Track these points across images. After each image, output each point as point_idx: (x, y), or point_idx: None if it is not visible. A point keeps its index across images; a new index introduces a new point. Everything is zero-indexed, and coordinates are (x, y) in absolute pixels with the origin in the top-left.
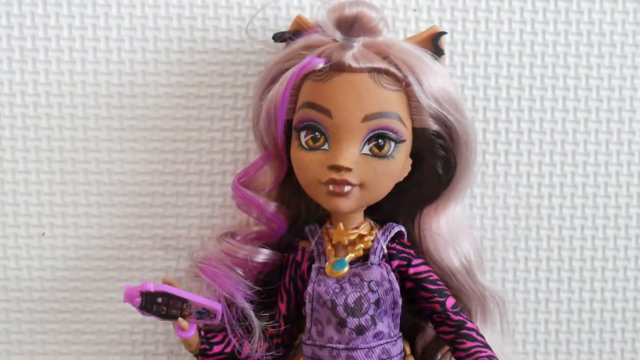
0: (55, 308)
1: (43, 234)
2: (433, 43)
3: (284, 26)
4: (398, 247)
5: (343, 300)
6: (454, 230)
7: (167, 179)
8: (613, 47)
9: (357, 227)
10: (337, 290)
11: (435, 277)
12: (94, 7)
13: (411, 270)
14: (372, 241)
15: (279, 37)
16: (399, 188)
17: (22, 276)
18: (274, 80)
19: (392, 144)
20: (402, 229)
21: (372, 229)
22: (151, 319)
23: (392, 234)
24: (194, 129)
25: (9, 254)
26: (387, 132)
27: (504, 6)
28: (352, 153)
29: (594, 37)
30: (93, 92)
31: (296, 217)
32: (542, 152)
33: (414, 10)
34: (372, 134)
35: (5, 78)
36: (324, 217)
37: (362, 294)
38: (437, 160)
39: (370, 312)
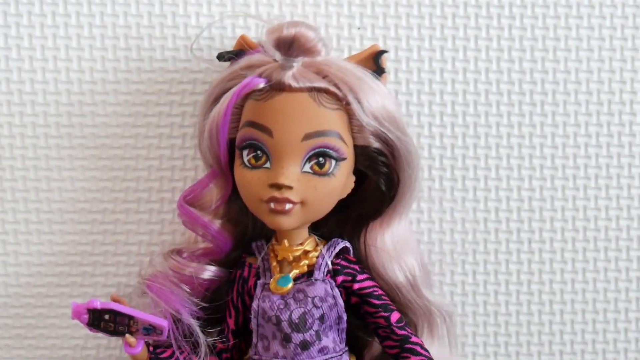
0: (9, 324)
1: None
2: (374, 61)
3: (230, 45)
4: (343, 262)
5: (287, 316)
6: (399, 245)
7: (117, 196)
8: (556, 62)
9: (302, 244)
10: (281, 306)
11: (380, 292)
12: (41, 28)
13: (356, 286)
14: (317, 257)
15: (222, 57)
16: (344, 204)
17: None
18: (217, 99)
19: (333, 162)
20: (347, 244)
21: (317, 245)
22: (101, 335)
23: (337, 249)
24: (142, 147)
25: None
26: (328, 150)
27: (447, 23)
28: (292, 171)
29: (535, 50)
30: (42, 111)
31: (243, 233)
32: (488, 166)
33: (358, 28)
34: (313, 152)
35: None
36: (270, 233)
37: (306, 309)
38: (380, 177)
39: (315, 327)
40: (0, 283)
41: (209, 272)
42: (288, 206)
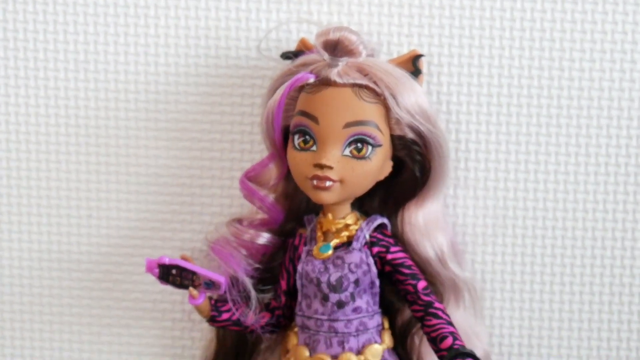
0: (99, 278)
1: (90, 215)
2: (413, 64)
3: (293, 47)
4: (379, 236)
5: (326, 278)
6: (430, 224)
7: (194, 173)
8: (582, 71)
9: (344, 218)
10: (322, 270)
11: (410, 262)
12: (135, 28)
13: (389, 256)
14: (357, 230)
15: (285, 56)
16: (385, 186)
17: (73, 250)
18: (276, 91)
19: (370, 147)
20: (385, 221)
21: (357, 219)
22: (177, 291)
23: (375, 224)
24: (217, 132)
25: (62, 231)
26: (365, 137)
27: (485, 34)
28: (334, 154)
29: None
30: (133, 98)
31: (297, 208)
32: (518, 160)
33: (407, 36)
34: (352, 138)
35: (62, 85)
36: (320, 209)
37: (342, 273)
38: (414, 164)
39: (350, 289)
40: (94, 243)
41: (264, 238)
42: (328, 183)
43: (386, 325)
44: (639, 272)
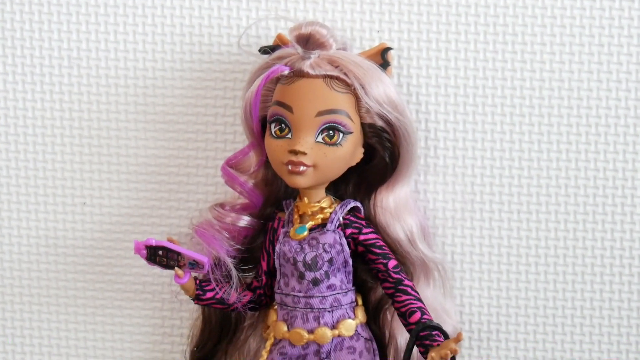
0: (93, 262)
1: (84, 203)
2: (381, 56)
3: (271, 42)
4: (352, 218)
5: (302, 258)
6: (400, 207)
7: (181, 162)
8: (542, 63)
9: (319, 201)
10: (297, 250)
11: (381, 243)
12: (124, 26)
13: (361, 237)
14: (331, 213)
15: (263, 50)
16: (358, 172)
17: (68, 236)
18: (254, 83)
19: (341, 134)
20: (358, 204)
21: (332, 203)
22: (167, 274)
23: (348, 207)
24: (201, 123)
25: (58, 218)
26: (337, 125)
27: (451, 29)
28: (307, 141)
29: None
30: (123, 92)
31: (277, 193)
32: (484, 148)
33: (378, 31)
34: (325, 126)
35: (57, 80)
36: (297, 194)
37: (317, 253)
38: (384, 151)
39: (324, 268)
40: (87, 229)
41: (244, 221)
42: (302, 168)
43: (359, 301)
44: (600, 253)
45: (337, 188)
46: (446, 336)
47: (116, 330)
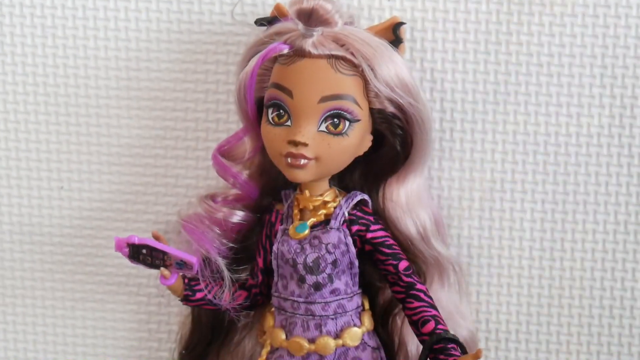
0: (72, 252)
1: (62, 187)
2: (393, 32)
3: (269, 11)
4: (359, 213)
5: (303, 259)
6: (412, 200)
7: (168, 144)
8: (573, 37)
9: (322, 195)
10: (298, 250)
11: (391, 242)
12: None
13: (369, 235)
14: (335, 207)
15: (259, 23)
16: (366, 160)
17: (44, 223)
18: (248, 61)
19: (347, 123)
20: (366, 197)
21: (336, 196)
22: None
23: (355, 201)
24: (191, 100)
25: (33, 203)
26: (342, 112)
27: None
28: (309, 130)
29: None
30: (104, 65)
31: (274, 183)
32: (506, 131)
33: (388, 0)
34: (329, 113)
35: (29, 51)
36: (298, 183)
37: (319, 254)
38: (395, 138)
39: (328, 270)
40: (65, 216)
41: (237, 216)
42: (303, 161)
43: (366, 306)
44: (632, 247)
45: (342, 178)
46: (463, 349)
47: (98, 326)
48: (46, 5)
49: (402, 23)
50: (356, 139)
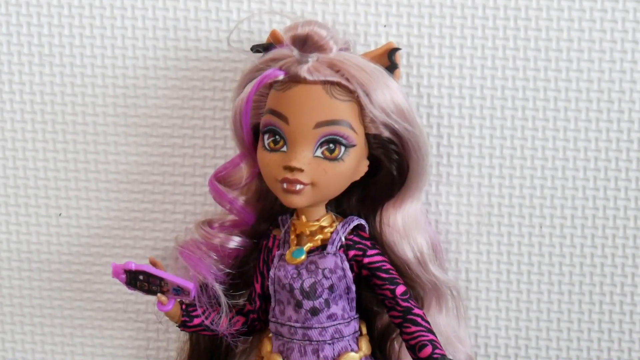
0: (70, 278)
1: (60, 214)
2: (388, 58)
3: (266, 39)
4: (355, 238)
5: (299, 285)
6: (409, 225)
7: (166, 170)
8: (569, 62)
9: (318, 220)
10: (294, 276)
11: (388, 266)
12: (101, 19)
13: (366, 260)
14: (332, 232)
15: (255, 49)
16: (363, 184)
17: (42, 250)
18: (244, 87)
19: (343, 148)
20: (363, 222)
21: (333, 221)
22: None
23: (351, 226)
24: (188, 127)
25: (31, 230)
26: (338, 137)
27: (467, 23)
28: (304, 155)
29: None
30: (101, 92)
31: (270, 208)
32: (503, 155)
33: (384, 26)
34: (324, 139)
35: (27, 79)
36: (294, 209)
37: (316, 279)
38: (392, 163)
39: (324, 295)
40: (63, 243)
41: (235, 242)
42: (299, 187)
43: (364, 330)
44: (631, 271)
45: (339, 203)
46: None
47: (97, 352)
48: (43, 33)
49: (397, 49)
50: (352, 164)
